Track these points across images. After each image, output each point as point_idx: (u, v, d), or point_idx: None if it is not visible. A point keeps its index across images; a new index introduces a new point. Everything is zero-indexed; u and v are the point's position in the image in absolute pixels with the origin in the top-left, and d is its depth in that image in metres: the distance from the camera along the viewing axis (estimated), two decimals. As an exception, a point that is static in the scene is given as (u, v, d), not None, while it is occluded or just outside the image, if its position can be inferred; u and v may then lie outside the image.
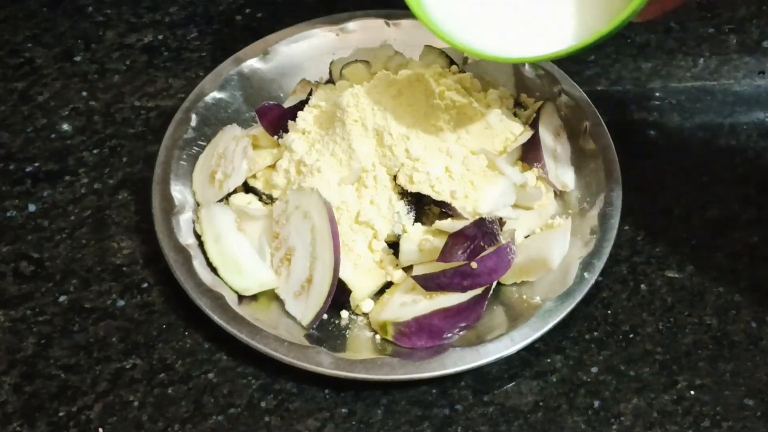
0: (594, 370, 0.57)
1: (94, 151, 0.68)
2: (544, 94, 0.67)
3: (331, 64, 0.69)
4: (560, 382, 0.57)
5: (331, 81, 0.68)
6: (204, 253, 0.59)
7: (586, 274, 0.57)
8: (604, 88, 0.72)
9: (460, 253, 0.56)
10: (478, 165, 0.60)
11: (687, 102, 0.72)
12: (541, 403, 0.56)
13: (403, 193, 0.59)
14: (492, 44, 0.54)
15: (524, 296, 0.58)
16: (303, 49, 0.71)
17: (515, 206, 0.61)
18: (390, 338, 0.56)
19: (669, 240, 0.63)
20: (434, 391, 0.56)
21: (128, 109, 0.71)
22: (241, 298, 0.58)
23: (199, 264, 0.58)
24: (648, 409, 0.55)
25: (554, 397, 0.56)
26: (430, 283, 0.56)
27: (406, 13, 0.72)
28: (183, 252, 0.58)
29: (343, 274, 0.57)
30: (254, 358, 0.56)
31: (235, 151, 0.62)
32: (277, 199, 0.61)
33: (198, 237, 0.60)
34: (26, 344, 0.58)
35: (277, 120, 0.63)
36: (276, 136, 0.63)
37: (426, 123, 0.60)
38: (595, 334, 0.59)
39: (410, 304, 0.56)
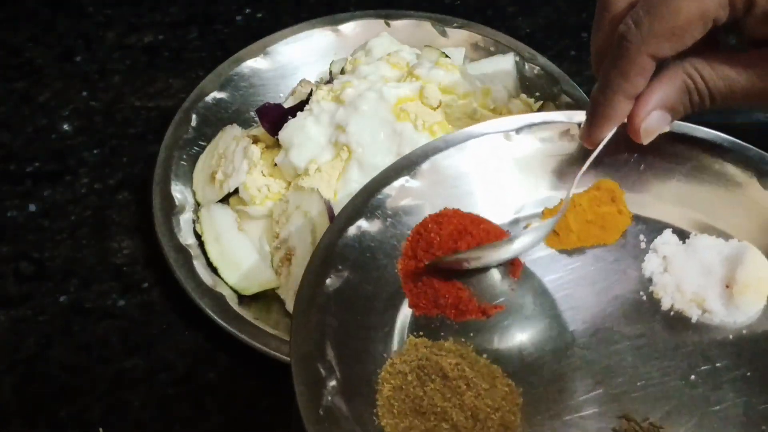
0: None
1: (95, 151, 0.68)
2: (544, 94, 0.67)
3: (331, 64, 0.69)
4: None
5: (331, 81, 0.68)
6: (204, 253, 0.59)
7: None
8: (604, 88, 0.72)
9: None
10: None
11: (687, 102, 0.71)
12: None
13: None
14: None
15: None
16: (303, 49, 0.71)
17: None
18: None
19: (669, 240, 0.63)
20: (434, 391, 0.56)
21: (128, 109, 0.71)
22: (241, 298, 0.58)
23: (199, 264, 0.58)
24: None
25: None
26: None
27: (406, 13, 0.72)
28: (183, 252, 0.58)
29: (343, 274, 0.57)
30: (254, 358, 0.56)
31: (235, 151, 0.62)
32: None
33: (198, 237, 0.60)
34: (26, 344, 0.58)
35: (277, 120, 0.63)
36: (276, 136, 0.63)
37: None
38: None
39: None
